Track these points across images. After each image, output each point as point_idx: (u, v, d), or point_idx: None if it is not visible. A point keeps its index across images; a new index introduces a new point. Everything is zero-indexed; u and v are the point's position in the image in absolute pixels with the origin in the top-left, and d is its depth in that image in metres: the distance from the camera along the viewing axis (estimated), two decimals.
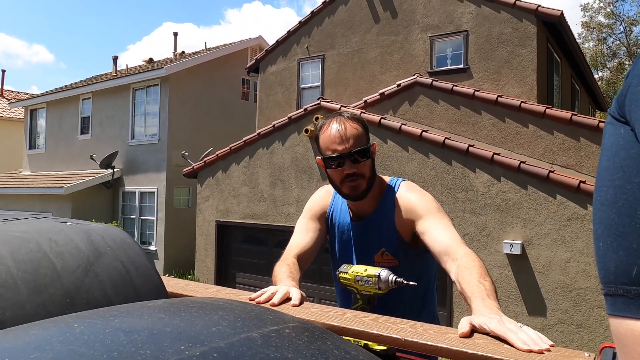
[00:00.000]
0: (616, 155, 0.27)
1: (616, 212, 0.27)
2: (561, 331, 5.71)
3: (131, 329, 0.53)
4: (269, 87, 10.89)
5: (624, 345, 0.26)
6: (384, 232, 1.62)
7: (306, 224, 1.70)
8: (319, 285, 7.61)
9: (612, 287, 0.27)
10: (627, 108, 0.26)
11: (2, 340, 0.49)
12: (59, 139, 14.61)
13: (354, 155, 1.54)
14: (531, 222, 6.01)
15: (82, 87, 14.03)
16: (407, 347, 1.03)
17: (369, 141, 1.60)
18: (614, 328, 0.27)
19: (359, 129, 1.56)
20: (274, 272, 1.48)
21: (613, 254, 0.27)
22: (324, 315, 1.10)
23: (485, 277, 1.21)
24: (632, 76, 0.27)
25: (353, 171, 1.54)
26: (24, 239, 0.79)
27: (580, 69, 10.81)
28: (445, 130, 7.49)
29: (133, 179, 12.62)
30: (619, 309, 0.26)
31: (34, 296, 0.71)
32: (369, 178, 1.58)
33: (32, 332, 0.51)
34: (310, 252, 1.63)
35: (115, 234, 0.96)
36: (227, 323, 0.60)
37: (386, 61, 9.19)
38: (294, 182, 8.29)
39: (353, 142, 1.54)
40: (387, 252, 1.61)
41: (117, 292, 0.83)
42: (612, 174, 0.27)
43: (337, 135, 1.54)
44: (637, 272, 0.25)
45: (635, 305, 0.25)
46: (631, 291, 0.26)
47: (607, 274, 0.27)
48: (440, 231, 1.44)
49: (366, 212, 1.66)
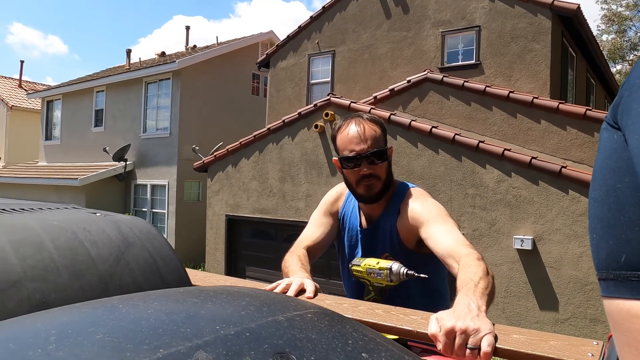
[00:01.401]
0: (609, 158, 0.31)
1: (607, 207, 0.30)
2: (574, 325, 5.71)
3: (170, 311, 0.58)
4: (279, 82, 10.92)
5: (615, 322, 0.31)
6: (387, 237, 1.63)
7: (320, 218, 1.74)
8: (327, 280, 7.66)
9: (604, 272, 0.31)
10: (620, 116, 0.30)
11: (60, 316, 0.54)
12: (74, 130, 14.78)
13: (371, 157, 1.55)
14: (542, 217, 6.01)
15: (96, 79, 14.16)
16: (419, 339, 1.07)
17: (386, 144, 1.61)
18: (607, 308, 0.31)
19: (377, 131, 1.58)
20: (284, 262, 1.52)
21: (605, 243, 0.31)
22: (338, 306, 1.14)
23: (479, 275, 1.16)
24: (625, 87, 0.30)
25: (370, 172, 1.56)
26: (62, 227, 0.84)
27: (597, 63, 10.67)
28: (455, 127, 7.48)
29: (145, 172, 12.75)
30: (610, 291, 0.31)
31: (74, 281, 0.76)
32: (385, 180, 1.59)
33: (85, 310, 0.56)
34: (320, 245, 1.66)
35: (142, 226, 1.01)
36: (255, 308, 0.64)
37: (397, 57, 9.18)
38: (303, 178, 8.33)
39: (371, 143, 1.55)
40: (390, 257, 1.62)
41: (146, 279, 0.87)
42: (605, 174, 0.31)
43: (356, 135, 1.56)
44: (625, 259, 0.29)
45: (624, 287, 0.29)
46: (620, 275, 0.29)
47: (600, 261, 0.31)
48: (443, 235, 1.42)
49: (375, 216, 1.68)
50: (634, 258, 0.29)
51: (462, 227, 6.49)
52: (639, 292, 0.29)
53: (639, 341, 0.29)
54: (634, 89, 0.29)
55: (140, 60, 14.87)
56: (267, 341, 0.53)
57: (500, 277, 6.24)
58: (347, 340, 0.61)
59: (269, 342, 0.52)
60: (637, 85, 0.29)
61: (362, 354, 0.58)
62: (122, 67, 15.19)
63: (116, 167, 12.67)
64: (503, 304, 6.20)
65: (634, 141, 0.28)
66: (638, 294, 0.29)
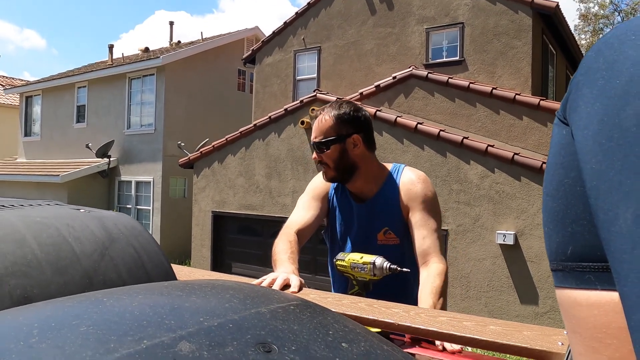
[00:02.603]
0: (558, 153, 0.33)
1: (556, 202, 0.32)
2: (552, 318, 5.82)
3: (154, 304, 0.59)
4: (265, 79, 10.89)
5: (564, 310, 0.33)
6: (388, 213, 1.70)
7: (308, 201, 1.79)
8: (314, 276, 7.69)
9: (554, 263, 0.33)
10: (568, 112, 0.32)
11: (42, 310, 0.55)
12: (55, 127, 14.52)
13: (317, 146, 1.70)
14: (524, 212, 6.10)
15: (77, 75, 13.93)
16: (400, 331, 1.09)
17: (341, 133, 1.68)
18: (558, 298, 0.34)
19: (329, 121, 1.68)
20: (274, 247, 1.58)
21: (555, 236, 0.32)
22: (322, 300, 1.16)
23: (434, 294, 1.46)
24: (572, 83, 0.32)
25: (318, 159, 1.71)
26: (44, 223, 0.85)
27: (576, 60, 10.87)
28: (440, 123, 7.55)
29: (129, 169, 12.62)
30: (560, 281, 0.33)
31: (57, 276, 0.76)
32: (335, 167, 1.69)
33: (68, 304, 0.57)
34: (310, 228, 1.72)
35: (126, 221, 1.01)
36: (238, 300, 0.66)
37: (382, 53, 9.22)
38: (289, 174, 8.34)
39: (318, 134, 1.69)
40: (390, 231, 1.70)
41: (131, 275, 0.88)
42: (554, 169, 0.33)
43: (314, 125, 1.72)
44: (571, 251, 0.31)
45: (570, 277, 0.31)
46: (567, 266, 0.31)
47: (551, 253, 0.33)
48: (425, 233, 1.61)
49: (367, 195, 1.75)
50: (578, 250, 0.31)
51: (447, 222, 6.56)
52: (583, 282, 0.30)
53: (582, 328, 0.31)
54: (580, 85, 0.30)
55: (124, 56, 14.68)
56: (249, 332, 0.54)
57: (483, 272, 6.33)
58: (328, 331, 0.63)
59: (252, 333, 0.54)
60: (582, 82, 0.30)
61: (342, 344, 0.60)
62: (104, 62, 14.97)
63: (99, 164, 12.51)
64: (485, 298, 6.29)
65: (579, 137, 0.30)
66: (582, 284, 0.30)
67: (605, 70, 0.29)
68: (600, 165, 0.28)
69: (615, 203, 0.26)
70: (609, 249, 0.27)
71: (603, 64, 0.29)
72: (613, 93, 0.27)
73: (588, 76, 0.30)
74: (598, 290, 0.30)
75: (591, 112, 0.29)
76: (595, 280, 0.30)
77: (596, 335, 0.30)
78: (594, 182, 0.28)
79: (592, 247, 0.30)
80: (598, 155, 0.28)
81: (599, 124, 0.28)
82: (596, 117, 0.28)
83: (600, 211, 0.28)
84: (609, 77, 0.28)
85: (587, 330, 0.31)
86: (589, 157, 0.29)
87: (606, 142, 0.27)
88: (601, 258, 0.29)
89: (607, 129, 0.27)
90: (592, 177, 0.28)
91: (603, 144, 0.27)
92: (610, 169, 0.27)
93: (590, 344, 0.31)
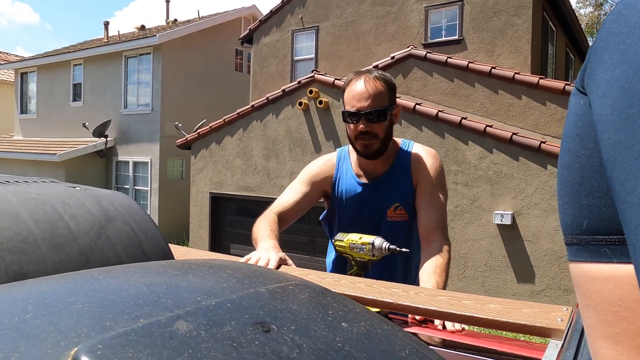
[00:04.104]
0: (575, 124, 0.32)
1: (572, 174, 0.31)
2: (549, 296, 5.88)
3: (151, 283, 0.58)
4: (263, 59, 10.78)
5: (577, 284, 0.32)
6: (399, 188, 1.67)
7: (298, 186, 1.74)
8: (312, 257, 7.73)
9: (569, 237, 0.32)
10: (586, 81, 0.31)
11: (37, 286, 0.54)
12: (51, 105, 14.36)
13: (370, 115, 1.57)
14: (522, 192, 6.11)
15: (73, 52, 13.69)
16: (399, 310, 1.09)
17: (392, 103, 1.62)
18: (572, 272, 0.33)
19: (381, 90, 1.58)
20: (254, 227, 1.54)
21: (570, 209, 0.32)
22: (320, 281, 1.16)
23: (436, 273, 1.44)
24: (591, 50, 0.31)
25: (367, 129, 1.58)
26: (39, 200, 0.83)
27: (576, 37, 10.77)
28: (438, 103, 7.50)
29: (126, 149, 12.57)
30: (574, 255, 0.32)
31: (53, 253, 0.76)
32: (383, 139, 1.61)
33: (63, 281, 0.56)
34: (292, 213, 1.68)
35: (123, 200, 1.00)
36: (236, 280, 0.65)
37: (380, 33, 9.11)
38: (287, 155, 8.31)
39: (371, 102, 1.56)
40: (400, 207, 1.68)
41: (128, 254, 0.88)
42: (570, 141, 0.32)
43: (359, 92, 1.57)
44: (587, 224, 0.30)
45: (586, 251, 0.31)
46: (583, 240, 0.31)
47: (566, 227, 0.33)
48: (431, 211, 1.59)
49: (378, 172, 1.71)
50: (594, 223, 0.30)
51: None
52: (598, 255, 0.30)
53: (596, 301, 0.30)
54: (599, 52, 0.29)
55: (119, 34, 14.47)
56: (248, 312, 0.54)
57: (481, 252, 6.36)
58: (328, 311, 0.62)
59: (250, 313, 0.53)
60: (602, 48, 0.29)
61: (342, 324, 0.59)
62: (100, 40, 14.75)
63: (97, 143, 12.43)
64: (482, 277, 6.34)
65: (597, 106, 0.29)
66: (597, 257, 0.30)
67: (627, 34, 0.27)
68: (619, 135, 0.26)
69: (634, 172, 0.25)
70: (625, 220, 0.26)
71: (625, 27, 0.27)
72: (635, 58, 0.26)
73: (608, 41, 0.29)
74: (614, 263, 0.29)
75: (611, 80, 0.28)
76: (611, 254, 0.30)
77: (610, 308, 0.30)
78: (612, 152, 0.27)
79: (609, 220, 0.29)
80: (617, 124, 0.27)
81: (619, 92, 0.27)
82: (616, 84, 0.27)
83: (617, 182, 0.27)
84: (630, 41, 0.27)
85: (602, 304, 0.30)
86: (607, 127, 0.27)
87: (626, 109, 0.26)
88: (617, 231, 0.29)
89: (628, 96, 0.26)
90: (609, 147, 0.27)
91: (622, 112, 0.26)
92: (630, 138, 0.26)
93: (604, 317, 0.30)
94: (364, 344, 0.54)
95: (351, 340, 0.54)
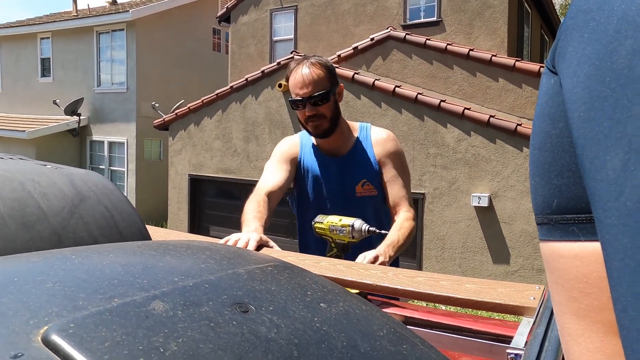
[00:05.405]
0: (546, 104, 0.32)
1: (543, 154, 0.32)
2: (522, 276, 6.03)
3: (127, 263, 0.57)
4: (241, 39, 10.61)
5: (547, 263, 0.33)
6: (364, 165, 1.78)
7: (277, 164, 1.80)
8: (292, 239, 7.75)
9: (540, 217, 0.33)
10: (556, 60, 0.31)
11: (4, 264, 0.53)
12: (17, 79, 13.79)
13: (313, 99, 1.67)
14: (498, 175, 6.21)
15: (39, 24, 13.10)
16: (378, 292, 1.11)
17: (333, 84, 1.72)
18: (542, 251, 0.34)
19: (320, 74, 1.68)
20: (244, 209, 1.59)
21: (541, 189, 0.32)
22: (300, 262, 1.16)
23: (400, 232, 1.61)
24: (561, 29, 0.30)
25: (313, 113, 1.69)
26: (6, 177, 0.80)
27: (550, 19, 10.88)
28: (418, 86, 7.51)
29: (101, 128, 12.26)
30: (544, 235, 0.33)
31: (23, 232, 0.73)
32: (331, 118, 1.73)
33: (34, 260, 0.55)
34: (280, 189, 1.74)
35: (97, 180, 0.98)
36: (215, 261, 0.64)
37: (360, 14, 9.03)
38: (267, 138, 8.25)
39: (313, 87, 1.67)
40: (368, 183, 1.78)
41: (103, 234, 0.86)
42: (542, 120, 0.32)
43: (300, 80, 1.68)
44: (556, 204, 0.31)
45: (555, 230, 0.31)
46: (553, 219, 0.31)
47: (537, 207, 0.33)
48: (399, 187, 1.76)
49: (341, 151, 1.82)
50: (563, 202, 0.31)
51: (424, 186, 6.63)
52: (567, 234, 0.31)
53: (564, 279, 0.31)
54: (569, 31, 0.29)
55: (89, 8, 13.95)
56: (226, 292, 0.53)
57: (458, 234, 6.46)
58: (307, 292, 0.62)
59: (228, 294, 0.53)
60: (572, 26, 0.29)
61: (320, 304, 0.59)
62: (68, 13, 14.13)
63: (69, 122, 12.03)
64: (460, 259, 6.46)
65: (568, 85, 0.29)
66: (566, 236, 0.31)
67: (596, 11, 0.27)
68: (589, 113, 0.26)
69: (604, 149, 0.25)
70: (593, 197, 0.27)
71: (594, 4, 0.27)
72: (604, 35, 0.26)
73: (577, 19, 0.28)
74: (581, 241, 0.30)
75: (582, 58, 0.27)
76: (578, 232, 0.30)
77: (577, 285, 0.30)
78: (582, 130, 0.27)
79: (577, 199, 0.30)
80: (588, 101, 0.27)
81: (590, 69, 0.27)
82: (587, 62, 0.27)
83: (586, 160, 0.27)
84: (599, 18, 0.27)
85: (569, 281, 0.31)
86: (577, 105, 0.27)
87: (597, 86, 0.26)
88: (585, 210, 0.29)
89: (599, 73, 0.26)
90: (580, 125, 0.27)
91: (593, 89, 0.26)
92: (600, 115, 0.26)
93: (570, 294, 0.31)
94: (342, 324, 0.55)
95: (330, 320, 0.54)
